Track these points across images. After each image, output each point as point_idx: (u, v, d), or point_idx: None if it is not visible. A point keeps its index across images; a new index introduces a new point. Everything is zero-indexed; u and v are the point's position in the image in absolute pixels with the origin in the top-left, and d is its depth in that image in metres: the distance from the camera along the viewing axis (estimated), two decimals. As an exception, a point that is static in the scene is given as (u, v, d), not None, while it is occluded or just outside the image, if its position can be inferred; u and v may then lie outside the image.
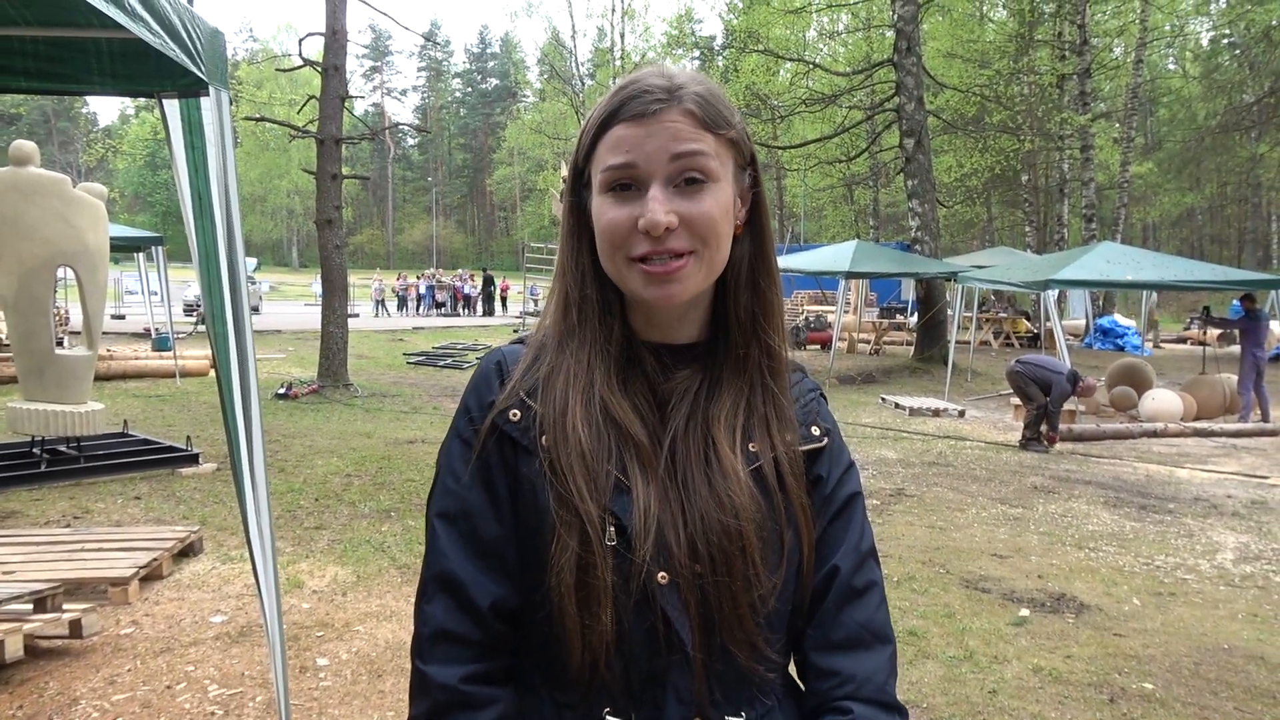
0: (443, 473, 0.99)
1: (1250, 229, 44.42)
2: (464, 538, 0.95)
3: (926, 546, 5.59)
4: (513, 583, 0.95)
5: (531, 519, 0.93)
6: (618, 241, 0.91)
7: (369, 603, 4.35)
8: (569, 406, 0.93)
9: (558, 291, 1.01)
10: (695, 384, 0.98)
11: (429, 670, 0.93)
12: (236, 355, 2.12)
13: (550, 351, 0.98)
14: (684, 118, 0.91)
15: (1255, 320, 11.14)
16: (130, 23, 1.63)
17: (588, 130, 0.96)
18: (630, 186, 0.91)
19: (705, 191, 0.91)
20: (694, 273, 0.92)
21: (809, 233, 42.36)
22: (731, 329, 0.99)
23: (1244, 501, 7.10)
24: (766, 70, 25.51)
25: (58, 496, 6.16)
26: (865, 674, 0.95)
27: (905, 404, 12.01)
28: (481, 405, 0.98)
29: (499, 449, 0.95)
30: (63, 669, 3.54)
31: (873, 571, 1.00)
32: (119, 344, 15.31)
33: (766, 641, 0.93)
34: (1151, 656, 3.98)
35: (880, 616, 0.99)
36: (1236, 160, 36.53)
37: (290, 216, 74.33)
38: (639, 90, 0.92)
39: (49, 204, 5.96)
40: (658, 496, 0.92)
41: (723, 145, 0.93)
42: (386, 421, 9.88)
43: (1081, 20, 24.33)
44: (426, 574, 0.98)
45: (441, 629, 0.94)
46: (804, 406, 1.03)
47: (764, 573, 0.92)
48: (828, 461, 1.01)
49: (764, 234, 1.00)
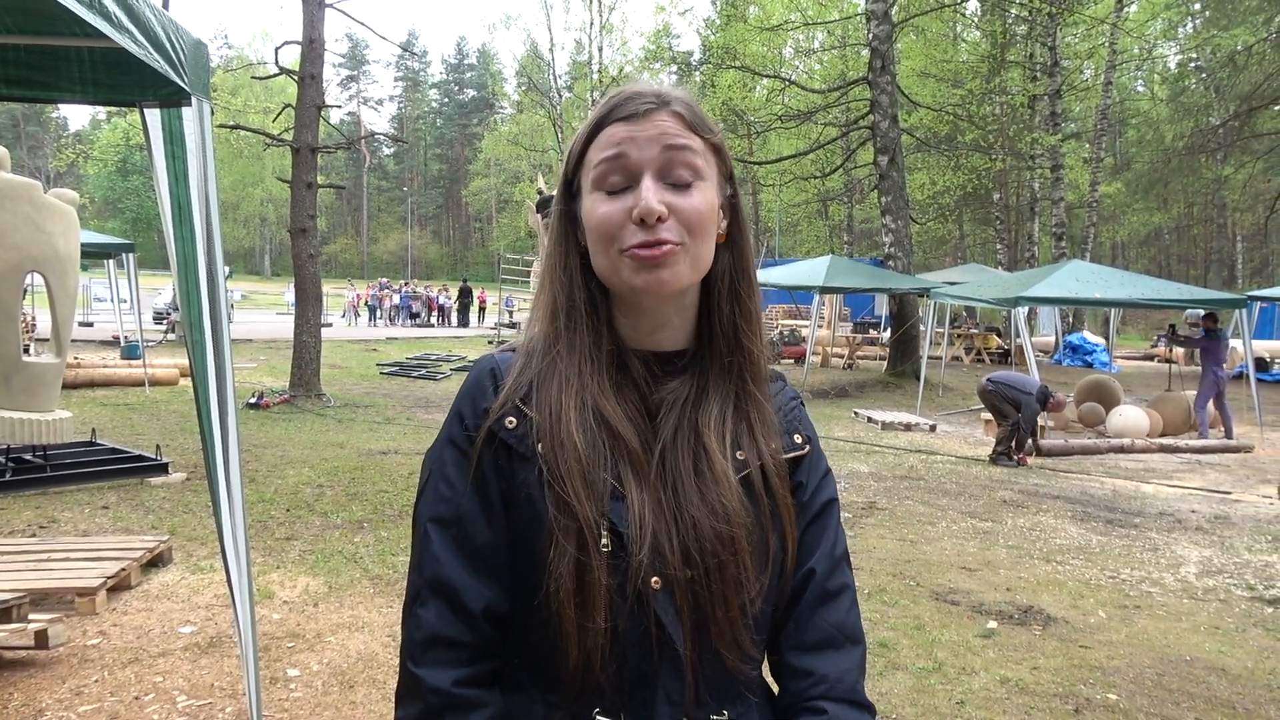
0: (434, 478, 0.99)
1: (1216, 249, 45.22)
2: (457, 543, 0.96)
3: (897, 559, 5.65)
4: (504, 587, 0.96)
5: (527, 524, 0.95)
6: (610, 234, 0.93)
7: (341, 614, 4.33)
8: (564, 412, 0.95)
9: (545, 297, 1.02)
10: (684, 393, 1.00)
11: (421, 673, 0.94)
12: (214, 364, 2.12)
13: (539, 357, 1.00)
14: (673, 119, 0.95)
15: (1215, 339, 11.36)
16: (115, 33, 1.64)
17: (579, 138, 0.99)
18: (621, 184, 0.93)
19: (694, 189, 0.94)
20: (682, 262, 0.94)
21: (784, 247, 42.70)
22: (716, 338, 1.01)
23: (1207, 516, 7.23)
24: (743, 86, 25.75)
25: (23, 506, 6.07)
26: (838, 674, 0.98)
27: (878, 418, 12.11)
28: (476, 412, 0.98)
29: (495, 456, 0.97)
30: (28, 680, 3.49)
31: (845, 575, 1.04)
32: (86, 351, 15.08)
33: (752, 641, 0.96)
34: (1116, 668, 4.05)
35: (852, 619, 1.02)
36: (1203, 181, 37.24)
37: (263, 225, 73.64)
38: (631, 94, 0.96)
39: (19, 209, 5.89)
40: (651, 503, 0.94)
41: (708, 149, 0.97)
42: (359, 432, 9.82)
43: (1052, 42, 24.77)
44: (419, 578, 0.97)
45: (434, 633, 0.95)
46: (787, 415, 1.06)
47: (754, 576, 0.95)
48: (807, 468, 1.04)
49: (744, 245, 1.03)
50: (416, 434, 9.87)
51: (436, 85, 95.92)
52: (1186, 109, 34.25)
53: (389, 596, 4.58)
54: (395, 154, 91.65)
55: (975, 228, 40.55)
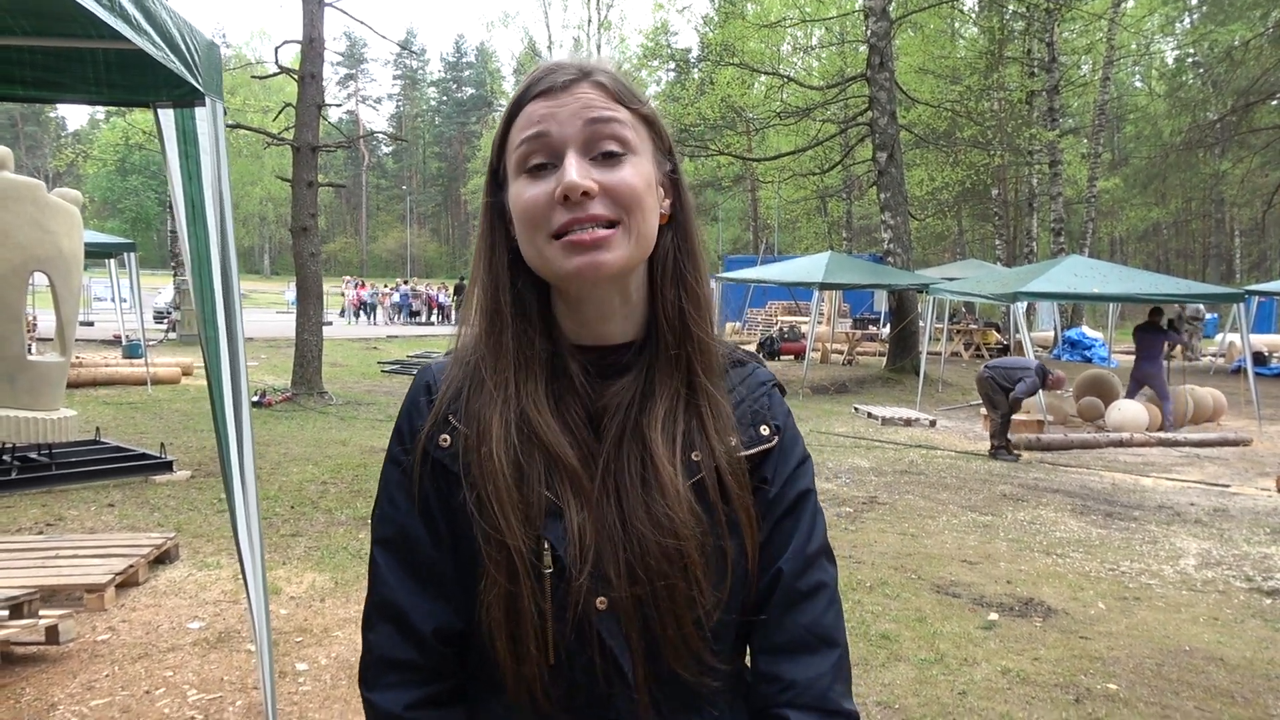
0: (381, 498, 0.96)
1: (1214, 244, 45.28)
2: (404, 565, 0.93)
3: (898, 553, 5.69)
4: (455, 606, 0.93)
5: (466, 548, 0.91)
6: (536, 219, 0.86)
7: (347, 608, 4.37)
8: (489, 431, 0.89)
9: (475, 299, 0.96)
10: (630, 394, 0.93)
11: (374, 698, 0.92)
12: (229, 360, 2.16)
13: (469, 367, 0.94)
14: (595, 89, 0.88)
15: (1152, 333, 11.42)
16: (135, 35, 1.67)
17: (501, 122, 0.93)
18: (545, 165, 0.87)
19: (624, 162, 0.87)
20: (621, 243, 0.86)
21: (783, 244, 42.69)
22: (661, 328, 0.93)
23: (1206, 509, 7.27)
24: (742, 83, 25.73)
25: (30, 504, 6.10)
26: (806, 679, 0.92)
27: (878, 413, 12.14)
28: (413, 430, 0.94)
29: (433, 476, 0.92)
30: (39, 675, 3.53)
31: (822, 572, 0.96)
32: (88, 351, 15.12)
33: (713, 654, 0.90)
34: (1116, 658, 4.09)
35: (828, 620, 0.94)
36: (1200, 176, 37.26)
37: (262, 224, 73.65)
38: (549, 69, 0.90)
39: (23, 209, 5.92)
40: (594, 520, 0.88)
41: (638, 120, 0.90)
42: (361, 429, 9.86)
43: (1050, 38, 24.78)
44: (369, 602, 0.95)
45: (384, 657, 0.93)
46: (754, 403, 0.97)
47: (708, 590, 0.88)
48: (775, 461, 0.96)
49: (688, 225, 0.96)
50: (418, 431, 9.90)
51: (435, 83, 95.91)
52: (1184, 104, 34.25)
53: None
54: (394, 152, 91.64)
55: (974, 223, 40.58)
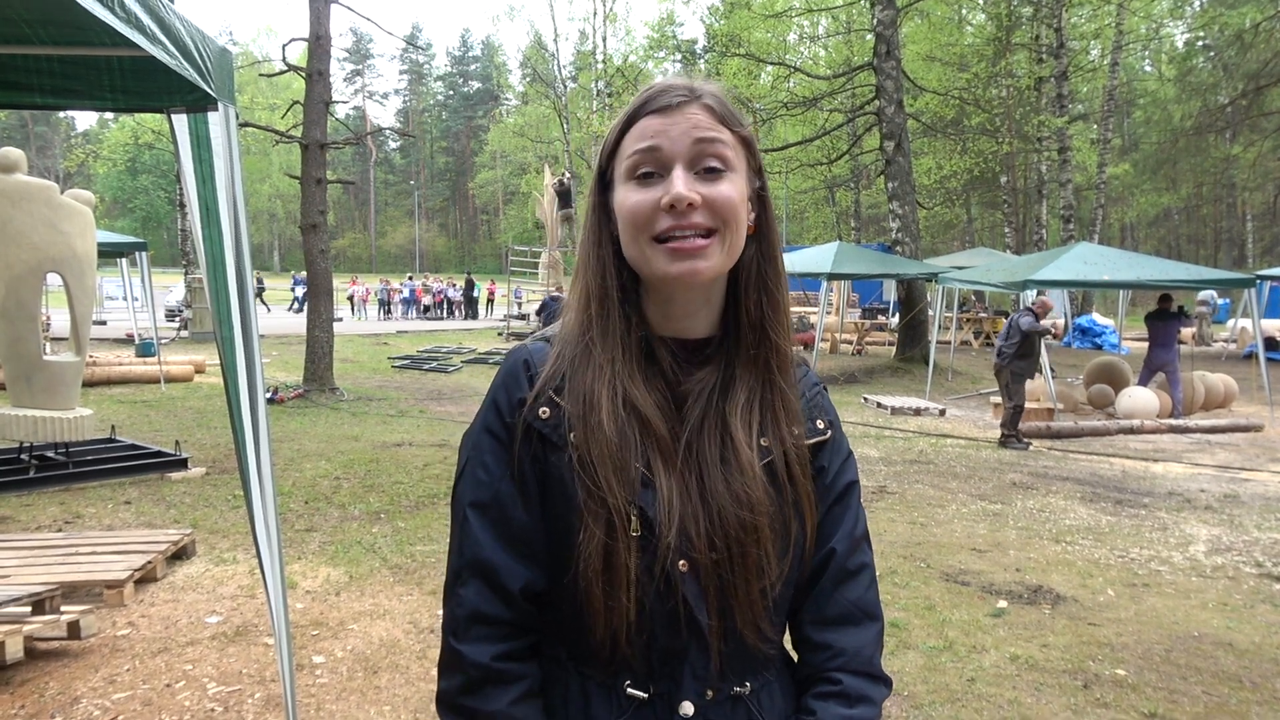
0: (472, 465, 1.04)
1: (1225, 229, 45.05)
2: (495, 526, 1.01)
3: (908, 541, 5.72)
4: (540, 566, 1.02)
5: (561, 508, 1.00)
6: (641, 222, 0.97)
7: (362, 602, 4.42)
8: (597, 400, 0.99)
9: (579, 286, 1.07)
10: (711, 381, 1.04)
11: (463, 649, 1.00)
12: (244, 358, 2.20)
13: (573, 346, 1.04)
14: (704, 111, 0.99)
15: (1164, 320, 11.38)
16: (149, 45, 1.72)
17: (613, 130, 1.03)
18: (653, 175, 0.98)
19: (724, 178, 0.98)
20: (716, 251, 0.98)
21: (791, 234, 42.60)
22: (743, 327, 1.05)
23: (1216, 495, 7.27)
24: (748, 74, 25.63)
25: (47, 502, 6.18)
26: (855, 648, 1.05)
27: (887, 403, 12.16)
28: (511, 402, 1.03)
29: (529, 444, 1.02)
30: (62, 669, 3.60)
31: (865, 554, 1.09)
32: (101, 350, 15.23)
33: (771, 623, 1.02)
34: (1124, 644, 4.11)
35: (870, 596, 1.08)
36: (1211, 161, 37.02)
37: (271, 220, 73.91)
38: (663, 88, 1.01)
39: (37, 210, 6.00)
40: (679, 489, 0.98)
41: (738, 142, 1.01)
42: (373, 425, 9.93)
43: (1058, 24, 24.64)
44: (459, 560, 1.03)
45: (476, 611, 1.00)
46: (809, 401, 1.10)
47: (775, 561, 1.00)
48: (829, 453, 1.09)
49: (772, 237, 1.07)
50: (430, 426, 9.97)
51: (441, 78, 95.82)
52: (1194, 88, 34.05)
53: (408, 585, 4.67)
54: (401, 148, 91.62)
55: (983, 211, 40.44)
